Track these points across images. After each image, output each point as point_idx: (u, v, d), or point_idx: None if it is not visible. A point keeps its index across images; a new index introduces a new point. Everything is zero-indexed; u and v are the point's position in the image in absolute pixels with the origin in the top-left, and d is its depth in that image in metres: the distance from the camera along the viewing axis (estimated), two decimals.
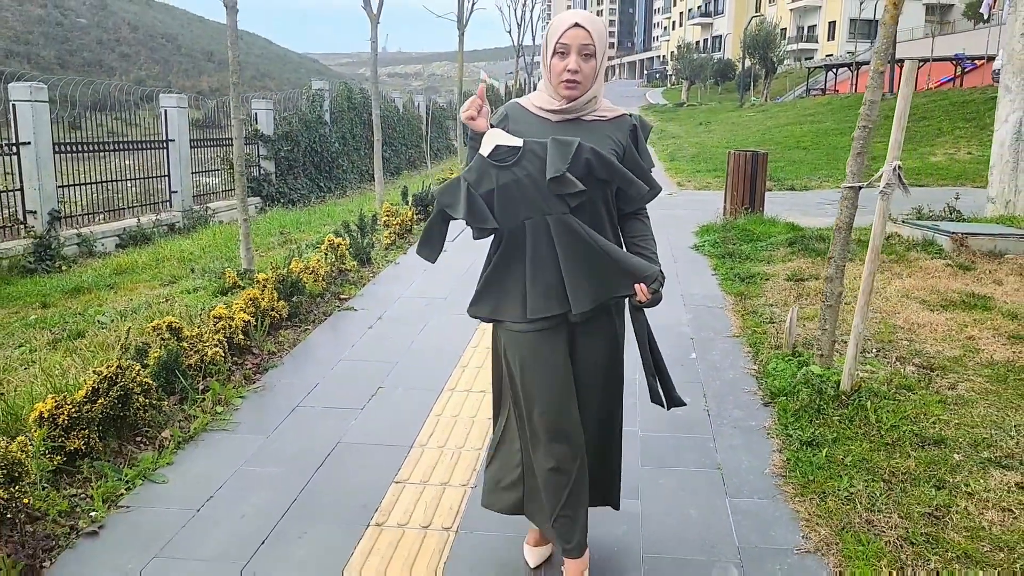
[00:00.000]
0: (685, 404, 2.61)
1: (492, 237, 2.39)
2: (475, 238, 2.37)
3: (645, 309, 2.36)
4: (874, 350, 4.73)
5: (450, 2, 15.70)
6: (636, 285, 2.27)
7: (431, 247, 2.44)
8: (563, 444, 2.38)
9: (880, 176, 3.73)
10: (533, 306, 2.31)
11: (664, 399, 2.52)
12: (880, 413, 3.76)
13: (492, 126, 2.31)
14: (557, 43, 2.25)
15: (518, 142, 2.24)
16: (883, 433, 3.59)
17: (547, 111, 2.33)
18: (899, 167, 3.69)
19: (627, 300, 2.39)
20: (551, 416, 2.37)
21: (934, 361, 4.52)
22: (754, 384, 4.37)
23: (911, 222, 7.83)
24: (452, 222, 2.40)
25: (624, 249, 2.41)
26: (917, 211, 8.59)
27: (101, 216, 11.73)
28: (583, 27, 2.23)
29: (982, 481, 3.17)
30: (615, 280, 2.29)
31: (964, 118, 20.63)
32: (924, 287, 5.96)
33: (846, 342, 4.31)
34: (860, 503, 3.05)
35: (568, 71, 2.23)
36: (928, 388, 4.13)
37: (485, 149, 2.26)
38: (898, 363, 4.50)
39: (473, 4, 15.95)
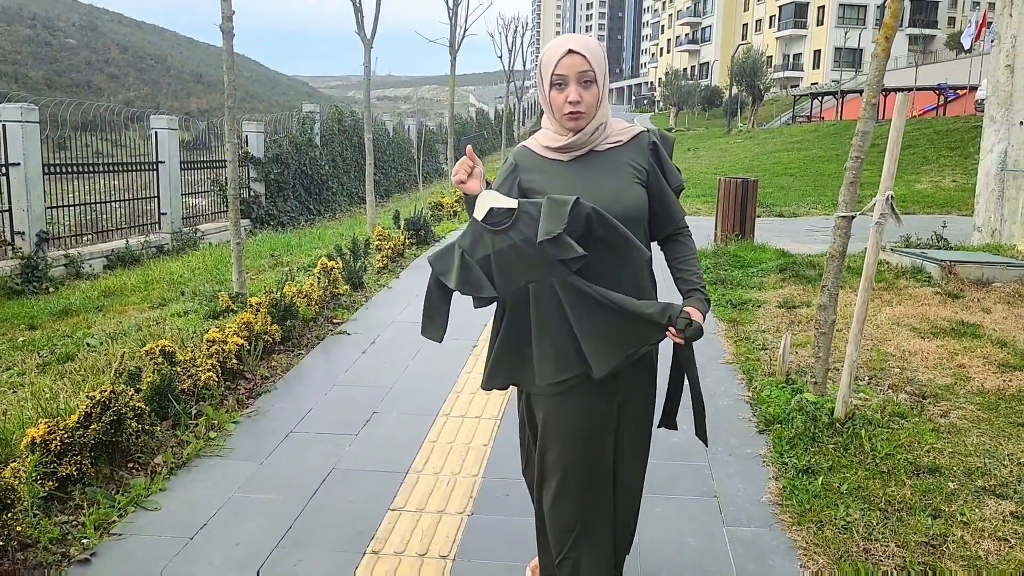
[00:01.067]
0: (707, 444, 2.55)
1: (496, 305, 2.26)
2: (475, 307, 2.21)
3: (691, 341, 2.17)
4: (867, 377, 4.75)
5: (441, 27, 15.84)
6: (667, 330, 2.11)
7: (435, 325, 2.26)
8: (576, 487, 2.24)
9: (873, 206, 3.77)
10: (540, 371, 2.17)
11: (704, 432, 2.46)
12: (875, 441, 3.77)
13: (486, 183, 2.16)
14: (553, 74, 2.10)
15: (513, 204, 2.08)
16: (878, 461, 3.60)
17: (556, 150, 2.19)
18: (891, 197, 3.73)
19: (674, 350, 2.24)
20: (568, 461, 2.22)
21: (926, 389, 4.55)
22: (748, 411, 4.38)
23: (900, 250, 7.91)
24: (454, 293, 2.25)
25: (671, 272, 2.29)
26: (905, 239, 8.69)
27: (89, 237, 11.67)
28: (578, 52, 2.08)
29: (977, 510, 3.18)
30: (639, 332, 2.13)
31: (948, 147, 20.92)
32: (914, 315, 6.01)
33: (839, 369, 4.34)
34: (857, 532, 3.05)
35: (569, 103, 2.09)
36: (921, 416, 4.15)
37: (479, 213, 2.10)
38: (891, 391, 4.52)
39: (465, 30, 16.07)
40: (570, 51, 2.08)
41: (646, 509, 3.28)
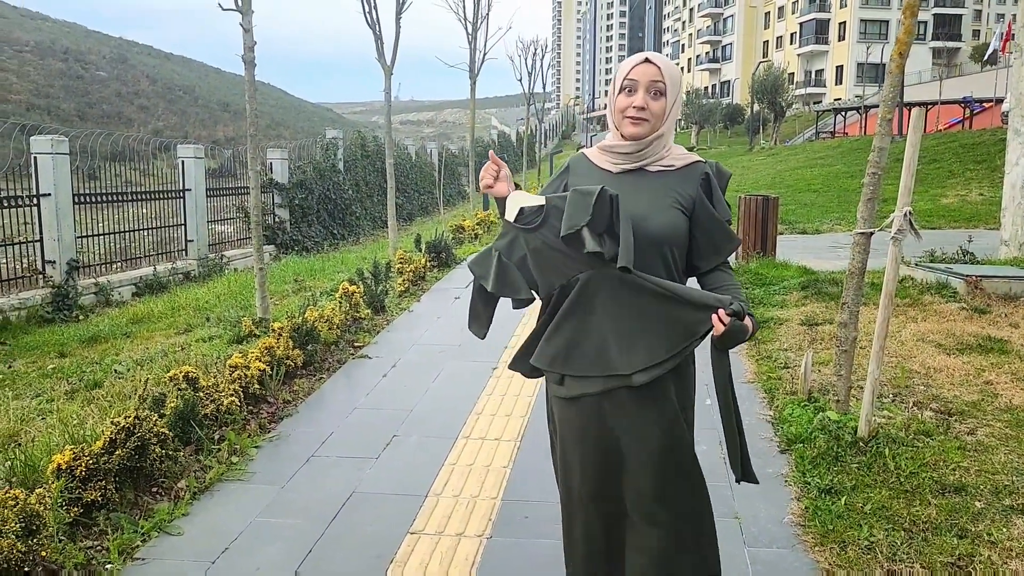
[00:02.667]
0: (758, 483, 2.39)
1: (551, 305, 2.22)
2: (514, 308, 2.22)
3: (729, 350, 2.07)
4: (891, 395, 4.69)
5: (462, 52, 16.02)
6: (713, 316, 1.98)
7: (478, 323, 2.29)
8: (597, 516, 2.25)
9: (891, 221, 3.75)
10: (540, 354, 2.19)
11: (739, 468, 2.28)
12: (899, 460, 3.72)
13: (515, 185, 2.17)
14: (625, 78, 2.12)
15: (541, 200, 2.09)
16: (902, 480, 3.55)
17: (609, 159, 2.19)
18: (910, 212, 3.71)
19: (711, 343, 2.08)
20: (588, 488, 2.22)
21: (952, 406, 4.48)
22: (770, 430, 4.35)
23: (924, 265, 7.82)
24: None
25: None
26: (930, 254, 8.58)
27: (118, 265, 11.88)
28: (654, 63, 2.11)
29: (1005, 530, 3.12)
30: (685, 321, 2.04)
31: (975, 160, 20.67)
32: (939, 331, 5.94)
33: (862, 387, 4.29)
34: (881, 552, 3.01)
35: (634, 107, 2.09)
36: (947, 434, 4.09)
37: (510, 214, 2.11)
38: (915, 408, 4.46)
39: (484, 55, 16.24)
40: (647, 60, 2.12)
41: None
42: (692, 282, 2.24)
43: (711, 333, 2.01)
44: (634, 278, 2.02)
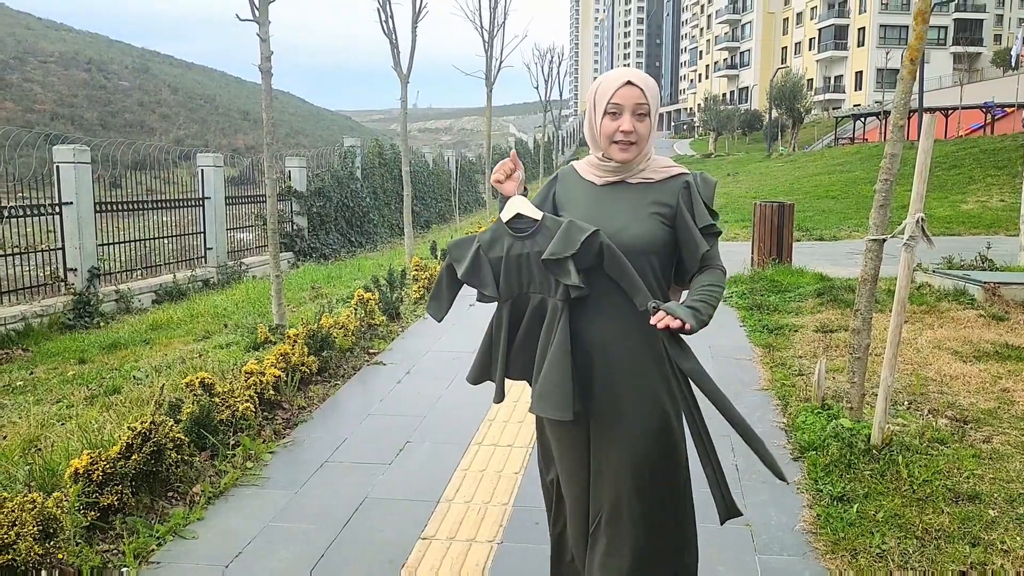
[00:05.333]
0: (741, 514, 2.32)
1: (496, 306, 2.29)
2: (477, 299, 2.30)
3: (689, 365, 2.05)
4: (906, 402, 4.67)
5: (478, 60, 16.10)
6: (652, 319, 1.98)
7: (438, 303, 2.37)
8: (580, 517, 2.31)
9: (904, 228, 3.74)
10: (512, 368, 2.27)
11: (721, 504, 2.23)
12: (912, 467, 3.70)
13: (524, 190, 2.26)
14: (609, 103, 2.13)
15: (539, 215, 2.17)
16: (915, 488, 3.53)
17: (596, 168, 2.24)
18: (922, 219, 3.70)
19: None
20: (567, 488, 2.32)
21: (967, 414, 4.45)
22: (783, 437, 4.33)
23: (942, 272, 7.76)
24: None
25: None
26: (948, 260, 8.52)
27: (139, 272, 12.02)
28: (636, 85, 2.12)
29: (1019, 538, 3.10)
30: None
31: (996, 165, 20.50)
32: (956, 338, 5.89)
33: (876, 394, 4.27)
34: (892, 560, 2.99)
35: (622, 131, 2.12)
36: (962, 441, 4.06)
37: (506, 215, 2.21)
38: (930, 416, 4.43)
39: (500, 63, 16.31)
40: (629, 82, 2.13)
41: None
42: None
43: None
44: (560, 329, 2.12)
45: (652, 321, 1.97)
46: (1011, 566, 2.92)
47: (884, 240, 4.04)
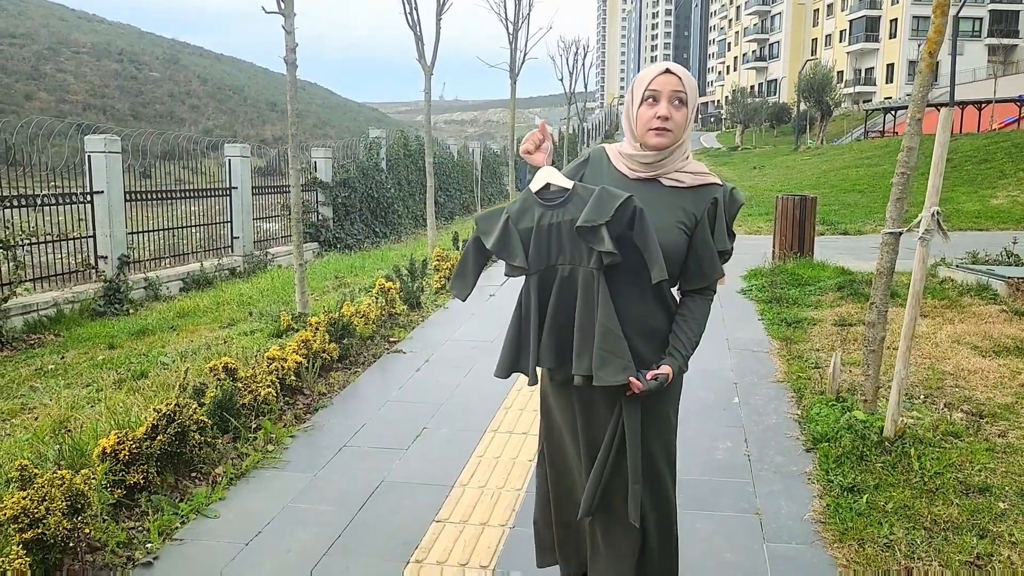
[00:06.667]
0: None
1: (524, 283, 2.24)
2: (506, 274, 2.26)
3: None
4: (922, 396, 4.67)
5: (503, 52, 16.14)
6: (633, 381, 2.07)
7: (463, 281, 2.31)
8: (569, 503, 2.37)
9: (919, 222, 3.74)
10: (541, 356, 2.20)
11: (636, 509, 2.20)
12: (924, 460, 3.71)
13: (520, 174, 2.27)
14: (646, 90, 2.13)
15: (569, 184, 2.14)
16: (926, 480, 3.55)
17: (627, 164, 2.22)
18: (938, 212, 3.70)
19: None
20: (556, 475, 2.39)
21: (984, 408, 4.45)
22: (797, 429, 4.36)
23: (965, 266, 7.70)
24: (491, 260, 2.34)
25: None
26: (972, 255, 8.43)
27: (168, 261, 12.23)
28: (674, 73, 2.13)
29: None
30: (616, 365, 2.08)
31: None
32: (977, 333, 5.86)
33: (892, 387, 4.28)
34: (900, 551, 3.02)
35: (658, 117, 2.10)
36: (977, 435, 4.06)
37: (535, 185, 2.18)
38: (946, 409, 4.43)
39: (525, 55, 16.32)
40: (667, 71, 2.14)
41: (686, 523, 3.32)
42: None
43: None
44: (599, 293, 2.08)
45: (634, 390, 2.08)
46: (1018, 558, 2.93)
47: (900, 234, 4.05)
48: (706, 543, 3.18)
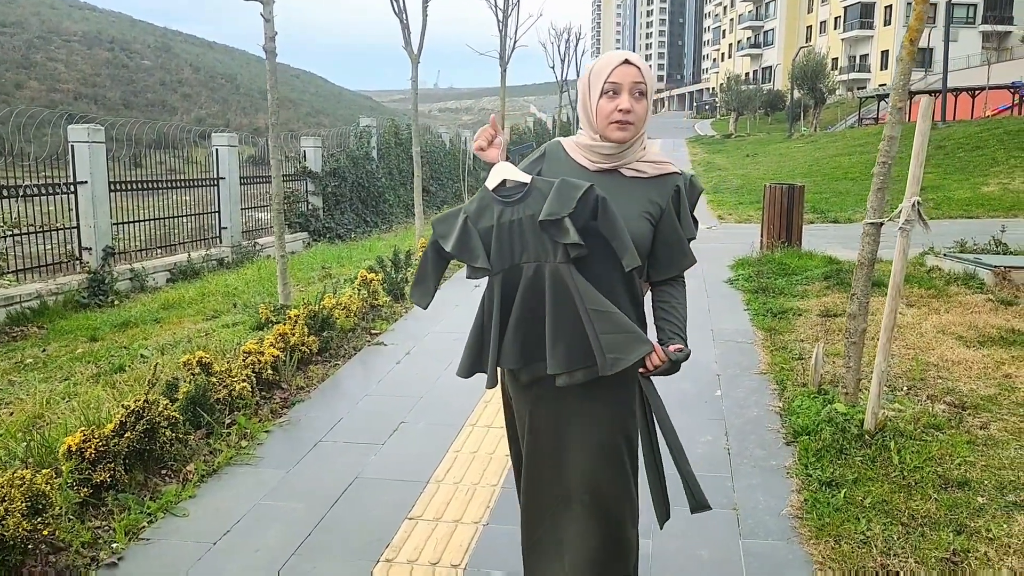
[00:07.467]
0: (710, 508, 2.26)
1: (487, 283, 2.19)
2: (467, 276, 2.19)
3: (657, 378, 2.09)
4: (905, 387, 4.63)
5: (494, 40, 16.01)
6: (649, 357, 2.02)
7: (423, 287, 2.25)
8: (535, 506, 2.27)
9: (900, 212, 3.69)
10: (504, 355, 2.12)
11: (690, 499, 2.20)
12: (904, 453, 3.67)
13: (511, 160, 2.18)
14: (606, 82, 2.08)
15: (526, 179, 2.08)
16: (905, 474, 3.51)
17: (587, 156, 2.17)
18: (918, 202, 3.65)
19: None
20: (527, 479, 2.27)
21: (966, 400, 4.41)
22: (778, 422, 4.32)
23: (952, 255, 7.65)
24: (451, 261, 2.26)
25: (654, 316, 2.19)
26: (961, 244, 8.39)
27: (158, 251, 12.13)
28: (634, 64, 2.08)
29: (1005, 526, 3.08)
30: (621, 344, 2.01)
31: (1020, 147, 20.10)
32: (962, 323, 5.82)
33: (872, 380, 4.23)
34: (876, 547, 2.98)
35: (620, 111, 2.06)
36: (958, 428, 4.02)
37: (491, 182, 2.11)
38: (928, 401, 4.39)
39: (515, 42, 16.19)
40: (626, 61, 2.08)
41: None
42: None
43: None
44: (574, 282, 2.02)
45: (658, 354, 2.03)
46: (995, 554, 2.90)
47: (881, 224, 3.99)
48: (681, 539, 3.14)
